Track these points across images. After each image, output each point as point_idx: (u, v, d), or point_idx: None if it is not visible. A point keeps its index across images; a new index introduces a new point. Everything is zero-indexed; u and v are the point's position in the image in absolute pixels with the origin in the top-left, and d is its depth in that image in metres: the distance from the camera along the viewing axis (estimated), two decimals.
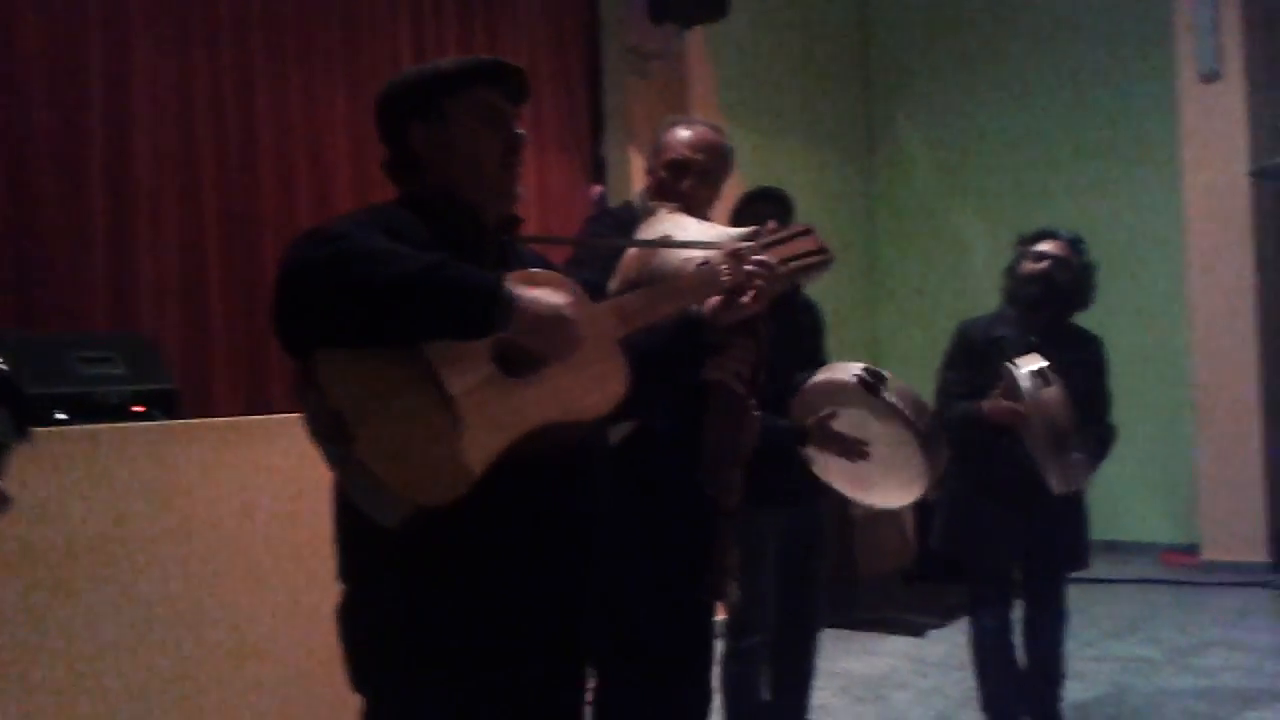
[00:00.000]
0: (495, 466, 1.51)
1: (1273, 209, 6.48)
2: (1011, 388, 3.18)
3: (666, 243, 2.13)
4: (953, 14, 7.74)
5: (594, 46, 6.00)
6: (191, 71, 4.33)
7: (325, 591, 1.81)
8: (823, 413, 2.91)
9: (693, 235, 2.28)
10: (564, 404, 1.62)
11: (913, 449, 2.80)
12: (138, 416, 3.19)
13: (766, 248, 1.95)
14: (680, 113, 6.04)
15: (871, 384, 2.81)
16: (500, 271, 1.66)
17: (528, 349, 1.58)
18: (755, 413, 2.19)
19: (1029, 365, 3.15)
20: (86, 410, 3.08)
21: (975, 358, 3.38)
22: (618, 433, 2.05)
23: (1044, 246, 3.43)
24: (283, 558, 3.15)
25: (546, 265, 1.92)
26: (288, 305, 1.54)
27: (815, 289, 3.02)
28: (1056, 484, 3.15)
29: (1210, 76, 6.34)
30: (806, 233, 2.01)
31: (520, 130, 1.82)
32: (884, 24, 8.06)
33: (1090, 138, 7.21)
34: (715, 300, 1.90)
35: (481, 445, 1.51)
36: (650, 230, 2.31)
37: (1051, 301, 3.38)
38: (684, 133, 2.62)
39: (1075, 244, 3.45)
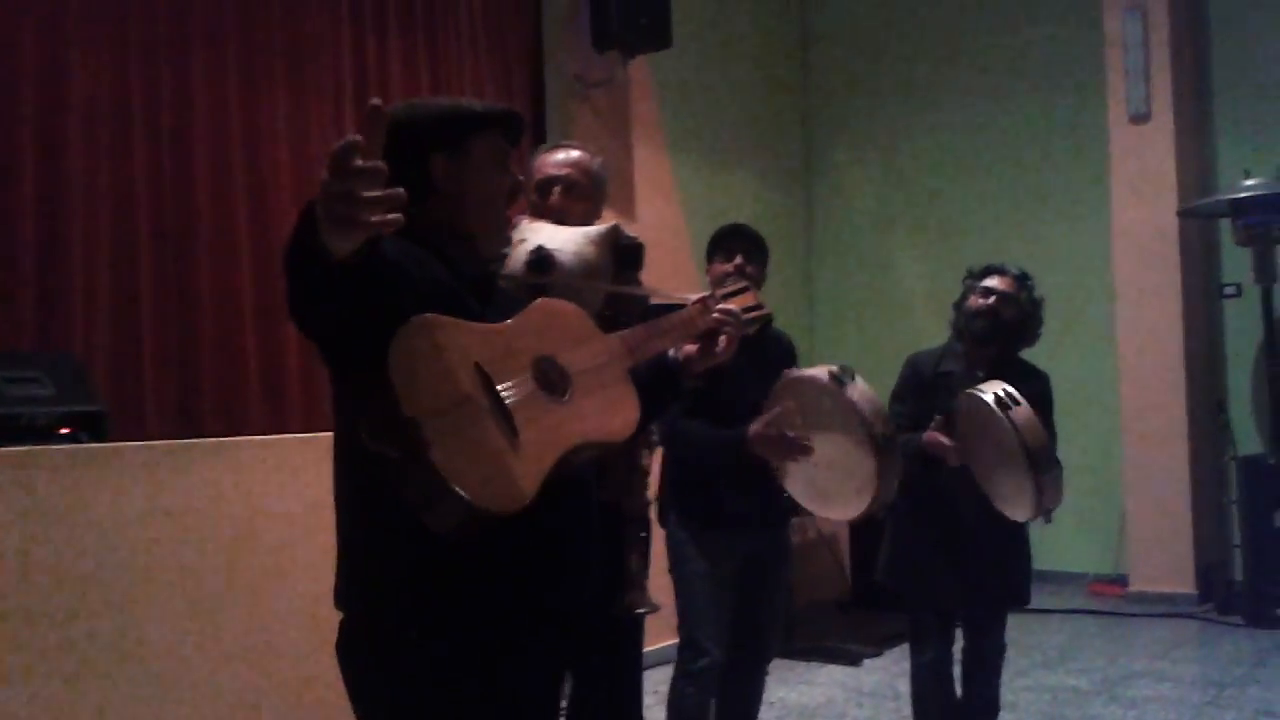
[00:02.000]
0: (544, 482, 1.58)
1: (1200, 247, 6.66)
2: (966, 418, 3.17)
3: (647, 290, 2.31)
4: (891, 51, 7.87)
5: (539, 73, 6.01)
6: (128, 88, 4.25)
7: (258, 619, 1.77)
8: (767, 415, 2.90)
9: (547, 237, 2.36)
10: (594, 425, 1.72)
11: (865, 453, 2.79)
12: (64, 439, 3.12)
13: (724, 300, 2.13)
14: (623, 140, 6.08)
15: (839, 376, 2.82)
16: (490, 297, 1.82)
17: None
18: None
19: (990, 388, 3.13)
20: (12, 432, 3.00)
21: (924, 391, 3.39)
22: None
23: (991, 282, 3.45)
24: (210, 584, 3.09)
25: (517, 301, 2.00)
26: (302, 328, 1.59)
27: None
28: (1030, 509, 3.10)
29: (1140, 118, 6.50)
30: (745, 289, 2.24)
31: (519, 176, 1.93)
32: (824, 58, 8.17)
33: (1024, 174, 7.35)
34: (690, 349, 2.07)
35: (535, 463, 1.58)
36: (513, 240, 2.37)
37: (998, 337, 3.41)
38: (553, 155, 2.67)
39: (1022, 280, 3.49)
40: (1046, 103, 7.24)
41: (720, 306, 2.08)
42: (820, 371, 2.88)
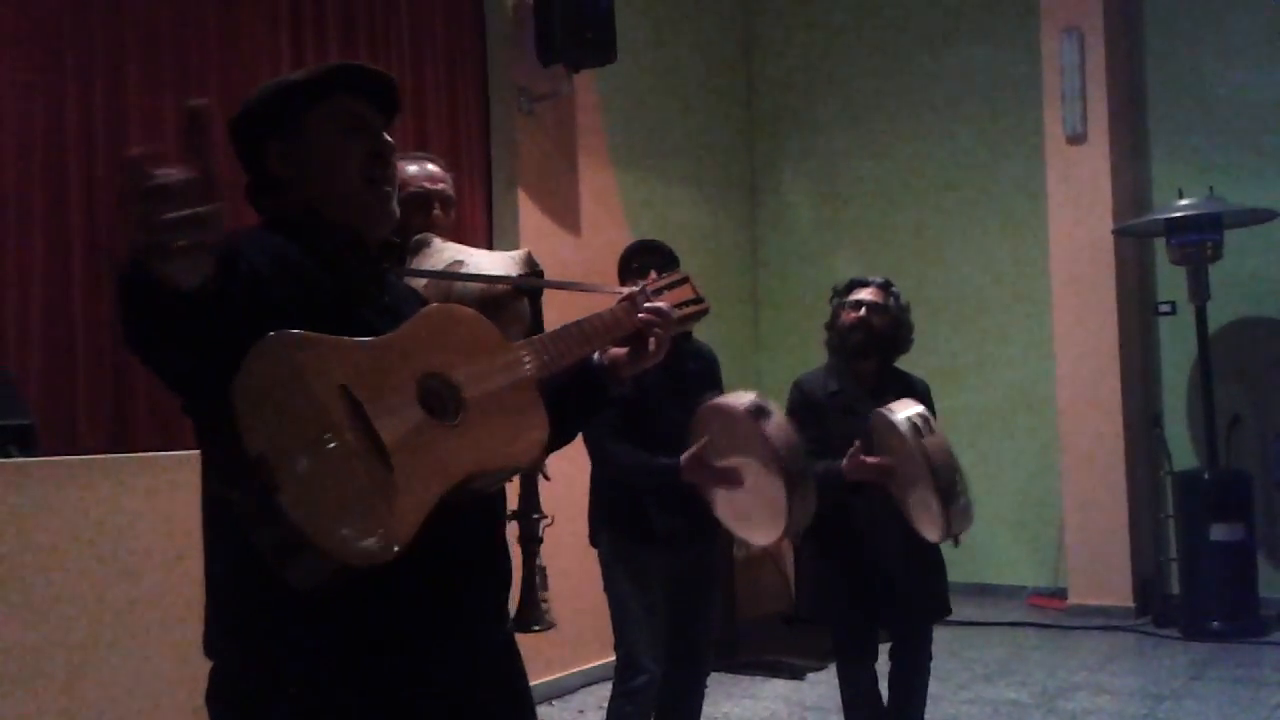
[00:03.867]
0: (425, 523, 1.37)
1: (1135, 265, 6.78)
2: (877, 434, 3.18)
3: (580, 286, 2.14)
4: (835, 70, 7.95)
5: (483, 86, 5.98)
6: (61, 99, 4.17)
7: (192, 636, 1.68)
8: (695, 445, 2.91)
9: (476, 259, 2.30)
10: (488, 452, 1.50)
11: (778, 487, 2.80)
12: None
13: (654, 294, 1.93)
14: (569, 156, 6.07)
15: (756, 413, 2.82)
16: (380, 299, 1.59)
17: (435, 365, 1.41)
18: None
19: (904, 412, 3.12)
20: None
21: (818, 414, 3.39)
22: None
23: (858, 295, 3.48)
24: (144, 600, 3.02)
25: (420, 300, 1.84)
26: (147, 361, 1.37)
27: (699, 331, 3.03)
28: (939, 533, 3.10)
29: (1076, 138, 6.62)
30: (684, 280, 2.01)
31: (387, 138, 1.68)
32: (769, 76, 8.23)
33: (963, 192, 7.46)
34: (618, 352, 1.85)
35: (415, 497, 1.37)
36: (435, 260, 2.31)
37: (875, 347, 3.43)
38: (414, 168, 2.57)
39: (887, 287, 3.51)
40: (985, 122, 7.35)
41: (648, 305, 1.86)
42: (740, 402, 2.88)
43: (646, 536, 3.12)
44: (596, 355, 1.84)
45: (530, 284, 2.16)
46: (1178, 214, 6.04)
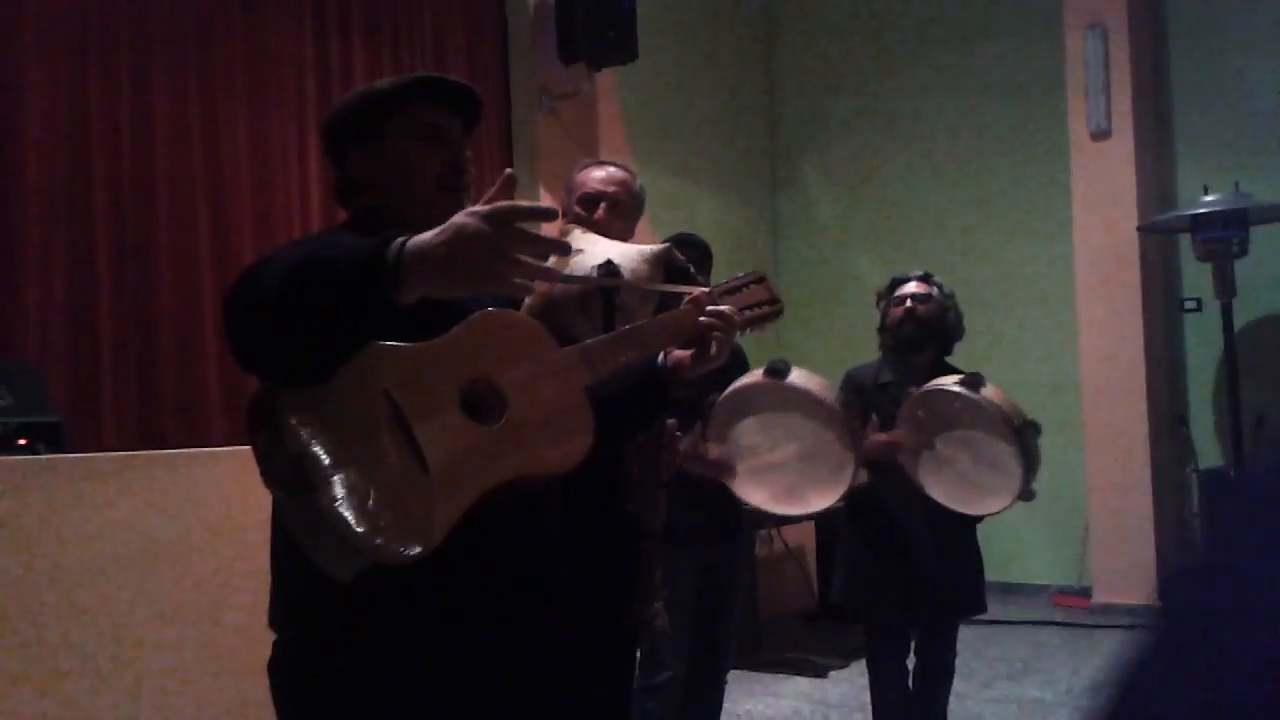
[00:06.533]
0: (460, 523, 1.42)
1: (1160, 262, 6.73)
2: (926, 414, 3.19)
3: (636, 284, 2.12)
4: (857, 67, 7.92)
5: (505, 85, 6.00)
6: (86, 96, 4.21)
7: (215, 633, 1.72)
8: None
9: (603, 251, 2.30)
10: (529, 456, 1.53)
11: (827, 432, 2.79)
12: (21, 449, 3.07)
13: (723, 296, 1.92)
14: (590, 152, 6.06)
15: (777, 371, 2.82)
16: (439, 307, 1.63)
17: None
18: (676, 434, 2.21)
19: (948, 379, 3.18)
20: None
21: (865, 403, 3.39)
22: None
23: (902, 290, 3.51)
24: (166, 597, 3.04)
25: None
26: (231, 340, 1.45)
27: None
28: (1016, 485, 3.09)
29: (1101, 134, 6.58)
30: (760, 280, 1.98)
31: (462, 151, 1.75)
32: (791, 73, 8.21)
33: (987, 188, 7.42)
34: (681, 354, 1.86)
35: (449, 501, 1.41)
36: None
37: (929, 337, 3.44)
38: (597, 171, 2.67)
39: (928, 278, 3.54)
40: (1009, 119, 7.31)
41: (710, 308, 1.85)
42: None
43: (671, 533, 3.11)
44: (661, 357, 1.86)
45: (605, 284, 2.17)
46: (1203, 210, 5.99)
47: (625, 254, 2.34)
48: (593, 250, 2.34)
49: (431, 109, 1.72)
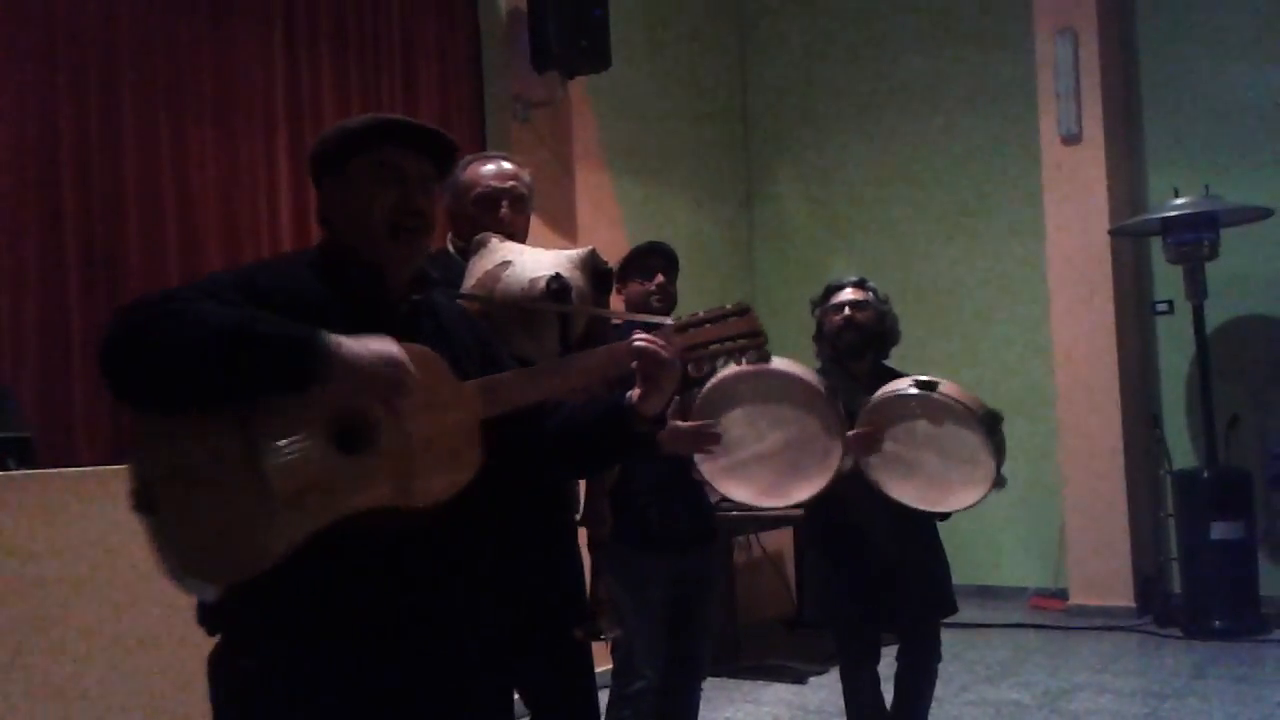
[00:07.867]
0: (303, 548, 1.46)
1: (1132, 264, 6.78)
2: (879, 419, 3.18)
3: (617, 314, 2.16)
4: (830, 74, 7.95)
5: (479, 94, 5.98)
6: (55, 111, 4.18)
7: (189, 648, 1.72)
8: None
9: (529, 260, 2.29)
10: (397, 486, 1.54)
11: (813, 419, 2.79)
12: None
13: (704, 325, 1.83)
14: (565, 162, 6.07)
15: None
16: (427, 325, 1.72)
17: (355, 402, 1.53)
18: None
19: (904, 383, 3.17)
20: None
21: None
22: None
23: (838, 298, 3.49)
24: (139, 613, 3.01)
25: (471, 322, 1.91)
26: (111, 368, 1.49)
27: None
28: (986, 477, 3.08)
29: (1071, 138, 6.62)
30: (744, 312, 1.85)
31: (420, 194, 1.73)
32: (764, 81, 8.23)
33: (959, 194, 7.45)
34: (642, 390, 1.76)
35: (289, 526, 1.45)
36: (487, 262, 2.30)
37: (868, 343, 3.44)
38: (486, 167, 2.59)
39: (863, 284, 3.52)
40: (980, 124, 7.35)
41: (639, 342, 1.74)
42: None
43: (645, 540, 3.11)
44: (629, 394, 1.78)
45: (561, 309, 2.15)
46: (1174, 213, 6.03)
47: (559, 264, 2.31)
48: (521, 261, 2.31)
49: (398, 150, 1.72)
